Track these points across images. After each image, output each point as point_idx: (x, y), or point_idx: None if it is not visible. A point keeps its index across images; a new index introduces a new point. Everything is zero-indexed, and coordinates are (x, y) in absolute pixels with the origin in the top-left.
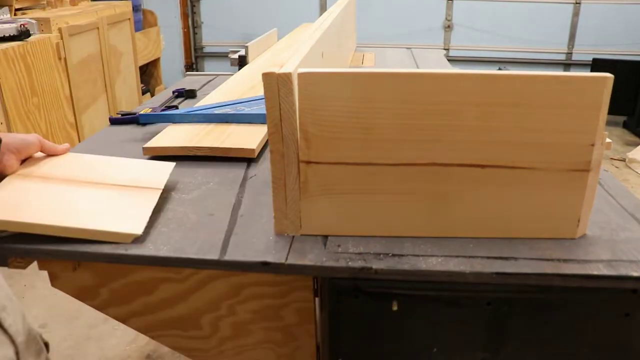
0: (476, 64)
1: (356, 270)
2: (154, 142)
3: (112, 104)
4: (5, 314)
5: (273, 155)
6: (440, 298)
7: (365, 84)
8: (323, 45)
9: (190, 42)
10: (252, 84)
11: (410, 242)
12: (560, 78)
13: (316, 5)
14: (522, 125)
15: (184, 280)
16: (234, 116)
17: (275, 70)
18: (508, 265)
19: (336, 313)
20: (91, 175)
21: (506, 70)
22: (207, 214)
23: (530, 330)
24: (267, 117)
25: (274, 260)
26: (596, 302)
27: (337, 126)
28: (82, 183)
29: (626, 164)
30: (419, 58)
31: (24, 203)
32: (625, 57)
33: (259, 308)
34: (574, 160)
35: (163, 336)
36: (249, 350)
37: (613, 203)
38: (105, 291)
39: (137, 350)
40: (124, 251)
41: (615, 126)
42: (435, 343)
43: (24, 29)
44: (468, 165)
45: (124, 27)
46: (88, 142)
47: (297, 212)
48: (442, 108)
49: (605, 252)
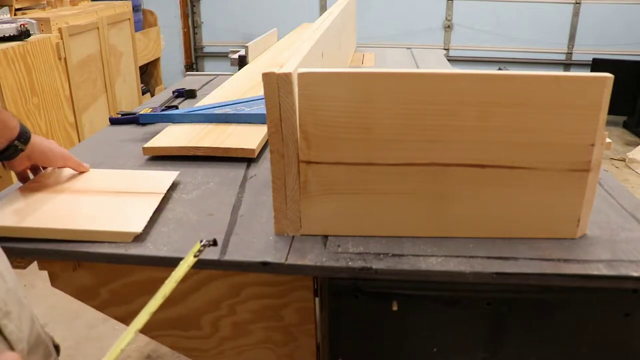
0: (476, 64)
1: (356, 270)
2: (154, 142)
3: (112, 104)
4: (7, 320)
5: (273, 155)
6: (440, 298)
7: (365, 84)
8: (323, 45)
9: (190, 42)
10: (252, 84)
11: (410, 242)
12: (560, 78)
13: (316, 5)
14: (522, 125)
15: (184, 280)
16: (234, 116)
17: (275, 70)
18: (508, 265)
19: (336, 313)
20: (94, 185)
21: (506, 70)
22: (207, 214)
23: (530, 330)
24: (267, 117)
25: (273, 260)
26: (596, 302)
27: (337, 126)
28: (85, 192)
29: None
30: (419, 58)
31: (27, 211)
32: (625, 57)
33: (259, 308)
34: (574, 160)
35: (163, 336)
36: (249, 350)
37: (613, 203)
38: (105, 291)
39: (137, 350)
40: (124, 251)
41: (615, 126)
42: (435, 343)
43: (24, 29)
44: (468, 165)
45: (124, 27)
46: (88, 142)
47: (297, 212)
48: (442, 108)
49: (605, 252)
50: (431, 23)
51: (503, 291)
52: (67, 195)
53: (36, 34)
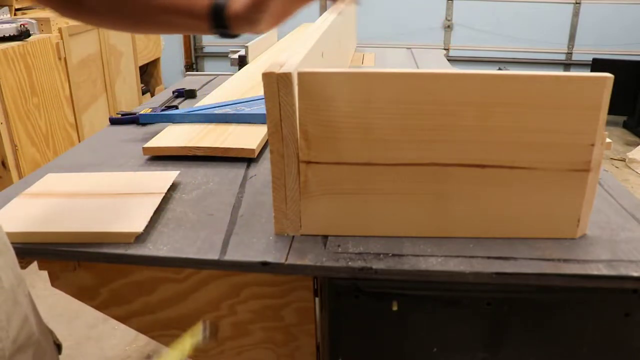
0: (476, 64)
1: (356, 270)
2: (154, 142)
3: (112, 104)
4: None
5: (273, 155)
6: (440, 298)
7: (365, 84)
8: (323, 45)
9: (190, 42)
10: (252, 84)
11: (410, 242)
12: (560, 78)
13: (316, 5)
14: (521, 125)
15: (184, 280)
16: (234, 116)
17: (275, 70)
18: (508, 265)
19: (336, 313)
20: (94, 188)
21: (506, 70)
22: (207, 214)
23: (530, 330)
24: (267, 117)
25: (273, 260)
26: (596, 302)
27: (337, 126)
28: (85, 195)
29: (626, 164)
30: (419, 58)
31: (30, 217)
32: (625, 57)
33: (259, 308)
34: (574, 160)
35: (163, 336)
36: (249, 350)
37: (613, 203)
38: (105, 291)
39: (137, 350)
40: (124, 251)
41: (615, 126)
42: (435, 343)
43: (24, 29)
44: (468, 165)
45: None
46: (88, 142)
47: (297, 212)
48: (441, 108)
49: (605, 252)
50: (431, 23)
51: (503, 291)
52: (68, 200)
53: (36, 34)
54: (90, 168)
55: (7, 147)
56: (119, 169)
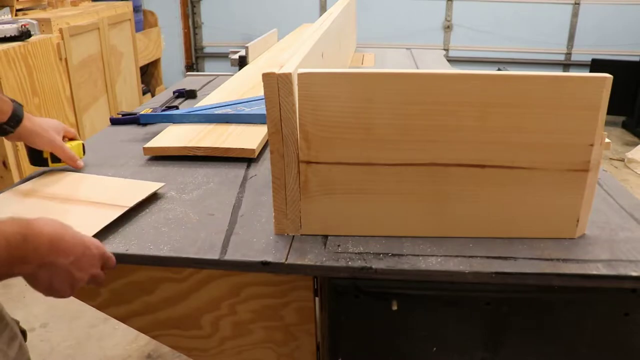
0: (476, 64)
1: (356, 270)
2: (155, 142)
3: (112, 104)
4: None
5: (273, 155)
6: (440, 298)
7: (365, 84)
8: (323, 45)
9: (190, 43)
10: (252, 84)
11: (410, 242)
12: (559, 78)
13: (316, 5)
14: (521, 126)
15: (184, 280)
16: (234, 116)
17: (275, 71)
18: (507, 265)
19: (336, 313)
20: (72, 193)
21: (506, 71)
22: (207, 214)
23: (530, 329)
24: (267, 117)
25: (274, 260)
26: (595, 301)
27: (337, 126)
28: (61, 200)
29: (625, 164)
30: (418, 58)
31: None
32: (624, 57)
33: (259, 308)
34: (573, 160)
35: (163, 336)
36: (249, 350)
37: (612, 203)
38: (105, 291)
39: (137, 350)
40: (124, 251)
41: (614, 126)
42: (434, 343)
43: (25, 29)
44: (467, 165)
45: (124, 28)
46: (88, 142)
47: (297, 212)
48: (441, 108)
49: (604, 252)
50: (431, 23)
51: (502, 291)
52: (44, 202)
53: (37, 35)
54: (90, 168)
55: (8, 147)
56: (120, 169)
